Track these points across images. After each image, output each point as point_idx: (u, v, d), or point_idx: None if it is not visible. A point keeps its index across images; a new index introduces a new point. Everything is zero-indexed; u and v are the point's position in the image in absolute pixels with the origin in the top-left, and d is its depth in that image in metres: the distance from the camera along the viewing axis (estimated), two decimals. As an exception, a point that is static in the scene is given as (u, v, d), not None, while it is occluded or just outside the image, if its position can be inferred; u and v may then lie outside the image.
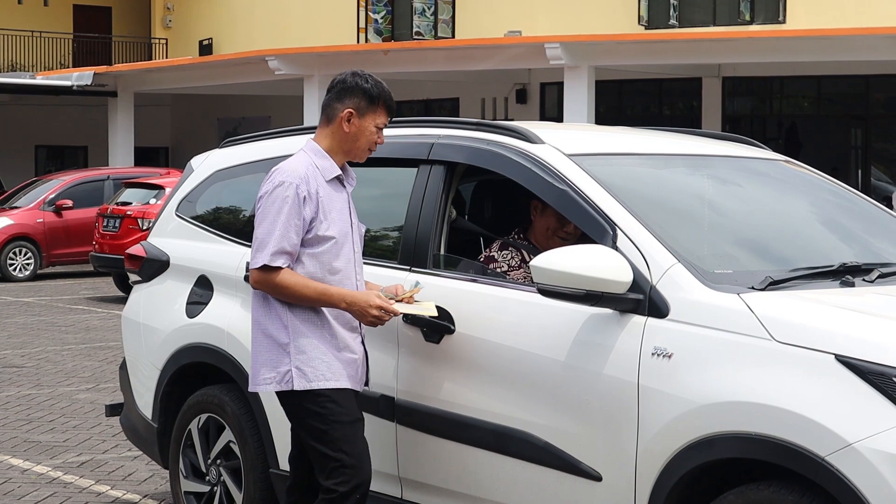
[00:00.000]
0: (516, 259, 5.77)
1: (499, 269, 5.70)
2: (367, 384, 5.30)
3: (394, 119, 5.38)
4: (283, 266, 4.99)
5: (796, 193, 5.87)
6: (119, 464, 8.47)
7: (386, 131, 5.98)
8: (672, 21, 28.57)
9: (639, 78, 28.69)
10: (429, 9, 32.15)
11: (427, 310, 5.21)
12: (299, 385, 5.04)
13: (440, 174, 5.62)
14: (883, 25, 23.98)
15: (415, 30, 32.19)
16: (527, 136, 5.45)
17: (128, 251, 7.01)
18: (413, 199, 5.64)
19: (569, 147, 5.40)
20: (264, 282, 5.03)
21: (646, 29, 28.49)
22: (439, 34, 31.93)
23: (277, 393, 5.18)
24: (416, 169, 5.69)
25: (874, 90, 27.64)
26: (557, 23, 28.85)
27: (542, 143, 5.40)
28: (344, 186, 5.19)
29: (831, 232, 5.60)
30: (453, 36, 31.63)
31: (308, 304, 5.05)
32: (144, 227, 19.48)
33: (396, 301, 5.17)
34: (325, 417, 5.06)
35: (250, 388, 5.22)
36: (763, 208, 5.66)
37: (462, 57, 27.22)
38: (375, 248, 5.85)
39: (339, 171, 5.15)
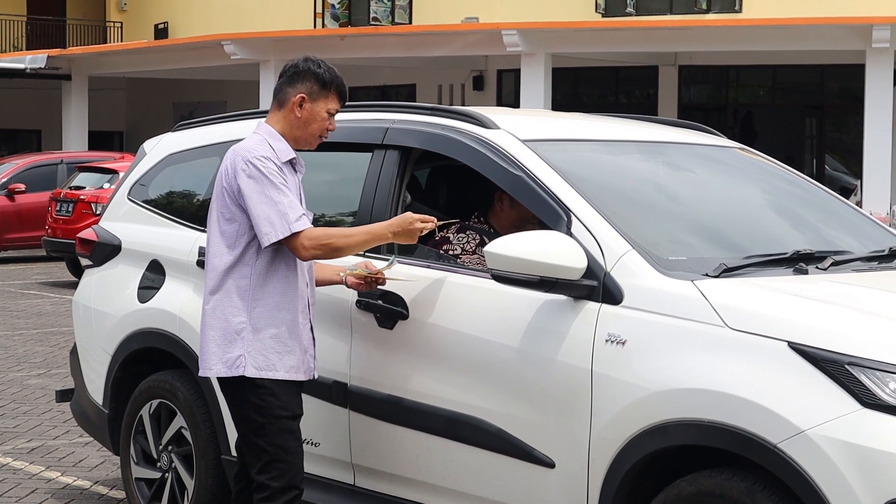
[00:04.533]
0: (472, 244, 5.74)
1: (451, 252, 5.67)
2: (313, 376, 5.22)
3: (348, 104, 5.34)
4: (308, 226, 4.94)
5: (750, 181, 5.88)
6: (70, 450, 8.41)
7: (340, 115, 5.94)
8: (629, 9, 28.62)
9: (595, 66, 28.75)
10: (386, -6, 32.07)
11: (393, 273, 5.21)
12: (250, 372, 4.98)
13: (395, 159, 5.58)
14: (838, 15, 24.11)
15: (372, 15, 32.08)
16: (482, 122, 5.42)
17: (79, 235, 6.95)
18: (367, 183, 5.60)
19: (524, 133, 5.38)
20: (303, 248, 4.92)
21: (603, 17, 28.53)
22: (396, 20, 31.85)
23: (219, 379, 5.13)
24: (371, 154, 5.65)
25: (829, 80, 27.81)
26: (515, 10, 28.85)
27: (497, 128, 5.38)
28: (296, 171, 5.14)
29: (785, 219, 5.61)
30: (410, 22, 31.57)
31: (360, 247, 5.05)
32: (98, 212, 19.32)
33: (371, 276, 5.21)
34: (263, 410, 5.00)
35: (200, 373, 5.17)
36: (717, 195, 5.66)
37: (419, 43, 27.18)
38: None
39: (294, 155, 5.10)
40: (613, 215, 4.90)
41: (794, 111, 28.59)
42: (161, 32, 36.32)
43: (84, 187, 20.34)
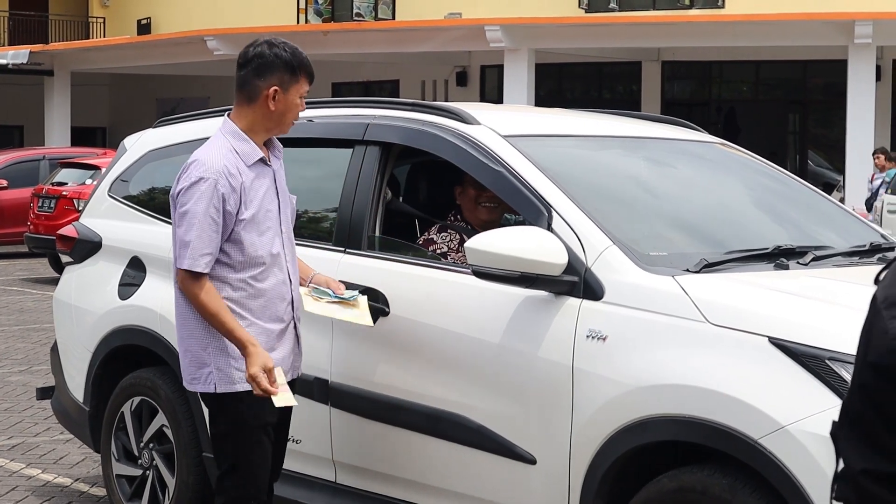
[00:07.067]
0: (455, 241, 5.74)
1: (439, 251, 5.67)
2: (298, 374, 5.12)
3: (330, 99, 5.27)
4: (205, 271, 4.71)
5: (732, 176, 5.88)
6: (50, 447, 8.38)
7: (321, 111, 5.91)
8: (612, 5, 28.64)
9: (579, 61, 28.76)
10: (369, -10, 32.05)
11: (361, 318, 5.10)
12: (222, 388, 4.84)
13: (375, 155, 5.56)
14: (821, 11, 24.17)
15: (355, 11, 32.07)
16: (462, 117, 5.41)
17: (59, 232, 6.92)
18: (348, 179, 5.58)
19: (504, 128, 5.36)
20: (184, 286, 4.77)
21: (586, 12, 28.54)
22: (379, 16, 31.83)
23: None
24: (352, 149, 5.63)
25: (811, 75, 27.88)
26: (498, 5, 28.83)
27: (478, 123, 5.36)
28: (268, 165, 4.92)
29: (766, 215, 5.61)
30: (393, 17, 31.55)
31: (214, 327, 4.76)
32: (80, 208, 19.20)
33: (327, 302, 5.08)
34: (233, 418, 4.89)
35: (185, 386, 5.06)
36: (698, 191, 5.66)
37: (402, 39, 27.17)
38: (310, 230, 5.79)
39: (262, 154, 4.86)
40: (594, 211, 4.88)
41: (776, 107, 28.65)
42: (144, 28, 36.23)
43: (66, 183, 20.28)
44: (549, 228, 4.81)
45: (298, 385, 5.37)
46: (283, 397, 4.75)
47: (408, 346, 5.17)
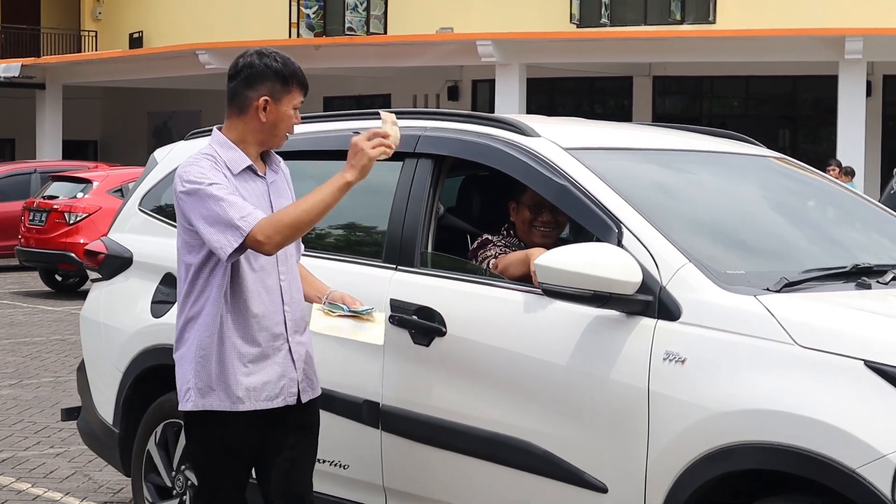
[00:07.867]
0: (511, 245, 5.52)
1: (499, 243, 5.43)
2: (299, 396, 4.73)
3: (376, 111, 5.08)
4: (253, 225, 4.39)
5: (797, 191, 5.67)
6: (40, 461, 8.23)
7: (367, 123, 5.69)
8: (603, 20, 28.59)
9: (570, 76, 28.68)
10: (361, 4, 31.92)
11: (370, 335, 4.84)
12: (198, 405, 4.60)
13: (427, 168, 5.35)
14: (811, 27, 24.13)
15: (347, 25, 31.94)
16: (521, 129, 5.20)
17: (87, 247, 6.64)
18: (398, 194, 5.36)
19: (565, 140, 5.15)
20: (265, 249, 4.44)
21: (577, 27, 28.48)
22: (371, 30, 31.71)
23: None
24: (402, 163, 5.40)
25: (802, 91, 27.85)
26: (489, 20, 28.73)
27: (538, 136, 5.15)
28: (261, 176, 4.67)
29: (833, 231, 5.40)
30: (385, 32, 31.43)
31: (321, 207, 4.45)
32: (71, 222, 19.05)
33: (341, 315, 4.81)
34: (202, 440, 4.67)
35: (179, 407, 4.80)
36: (763, 206, 5.46)
37: (394, 53, 27.05)
38: (358, 246, 5.58)
39: (250, 162, 4.62)
40: (665, 226, 4.67)
41: (767, 122, 28.59)
42: (136, 42, 36.06)
43: (57, 197, 20.01)
44: (620, 245, 4.60)
45: (346, 407, 5.16)
46: (393, 132, 4.58)
47: (466, 367, 4.94)
